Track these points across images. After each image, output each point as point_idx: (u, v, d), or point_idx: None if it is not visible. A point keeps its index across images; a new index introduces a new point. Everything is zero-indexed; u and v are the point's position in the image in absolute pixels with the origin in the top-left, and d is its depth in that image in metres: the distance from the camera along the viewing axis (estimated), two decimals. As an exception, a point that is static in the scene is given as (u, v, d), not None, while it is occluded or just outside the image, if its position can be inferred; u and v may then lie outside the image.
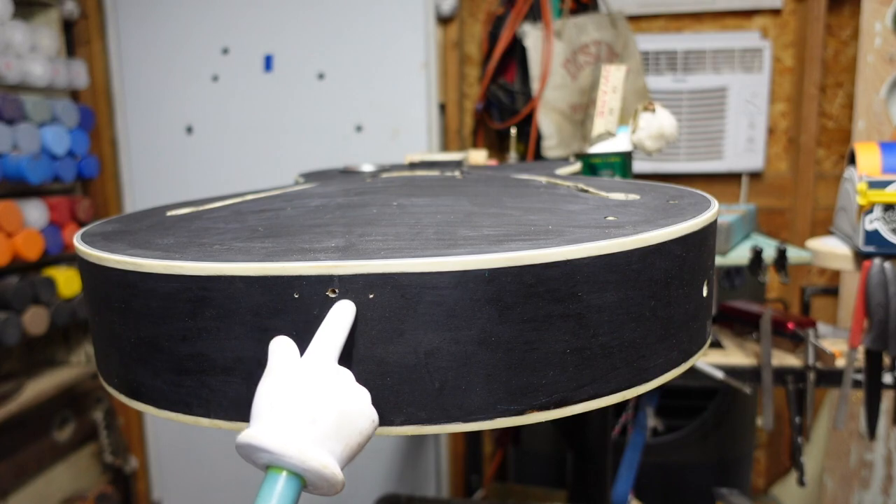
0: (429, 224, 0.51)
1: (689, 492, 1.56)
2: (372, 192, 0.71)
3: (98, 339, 0.53)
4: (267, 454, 0.39)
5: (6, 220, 1.55)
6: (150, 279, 0.45)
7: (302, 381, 0.40)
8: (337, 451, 0.40)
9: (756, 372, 1.12)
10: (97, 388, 1.94)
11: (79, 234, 0.57)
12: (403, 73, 1.87)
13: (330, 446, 0.40)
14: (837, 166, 1.84)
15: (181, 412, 0.47)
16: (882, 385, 1.05)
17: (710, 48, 1.80)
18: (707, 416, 1.54)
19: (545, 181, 0.76)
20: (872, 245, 0.98)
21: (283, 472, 0.39)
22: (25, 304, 1.60)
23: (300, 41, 1.89)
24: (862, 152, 1.05)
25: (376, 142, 1.91)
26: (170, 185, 2.02)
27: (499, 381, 0.43)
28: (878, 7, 1.59)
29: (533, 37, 1.65)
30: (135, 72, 1.98)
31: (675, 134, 1.05)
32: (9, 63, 1.58)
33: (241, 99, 1.94)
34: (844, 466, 1.69)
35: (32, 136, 1.60)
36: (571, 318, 0.43)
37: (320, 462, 0.39)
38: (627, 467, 1.25)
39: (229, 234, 0.53)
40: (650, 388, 0.48)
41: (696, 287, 0.51)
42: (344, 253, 0.44)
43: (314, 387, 0.40)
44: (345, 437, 0.40)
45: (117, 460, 1.97)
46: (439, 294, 0.41)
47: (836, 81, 1.82)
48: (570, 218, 0.51)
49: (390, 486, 2.01)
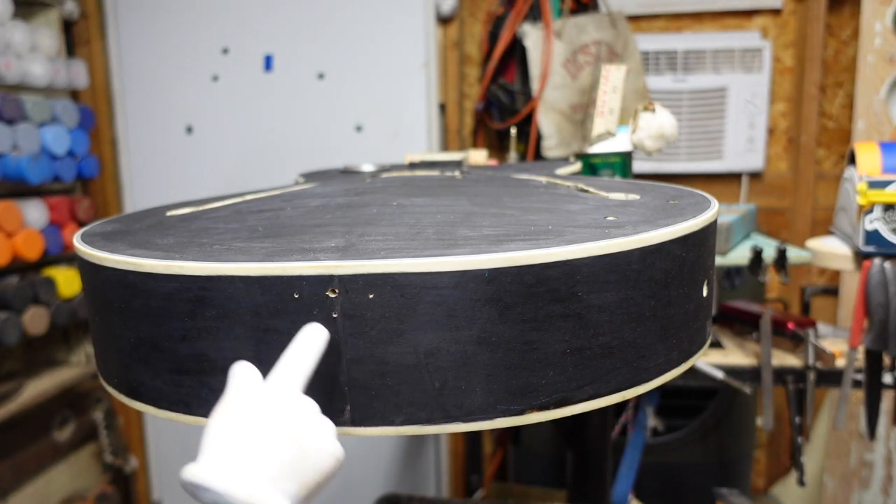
0: (429, 224, 0.51)
1: (689, 492, 1.56)
2: (372, 192, 0.71)
3: (98, 339, 0.53)
4: (211, 493, 0.35)
5: (6, 220, 1.55)
6: (150, 279, 0.45)
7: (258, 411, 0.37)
8: (291, 490, 0.36)
9: (756, 372, 1.12)
10: (97, 388, 1.94)
11: (79, 234, 0.57)
12: (403, 73, 1.87)
13: (284, 486, 0.36)
14: (837, 166, 1.84)
15: (181, 412, 0.47)
16: (882, 385, 1.05)
17: (710, 48, 1.80)
18: (707, 416, 1.54)
19: (545, 181, 0.76)
20: (872, 245, 0.98)
21: None
22: (25, 304, 1.59)
23: (300, 41, 1.89)
24: (862, 152, 1.05)
25: (376, 142, 1.91)
26: (170, 185, 2.02)
27: (499, 381, 0.43)
28: (878, 7, 1.59)
29: (533, 37, 1.65)
30: (135, 72, 1.98)
31: (675, 134, 1.05)
32: (9, 63, 1.58)
33: (241, 99, 1.94)
34: (844, 466, 1.69)
35: (32, 136, 1.60)
36: (571, 318, 0.43)
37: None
38: (627, 467, 1.25)
39: (229, 234, 0.53)
40: (650, 388, 0.48)
41: (696, 287, 0.51)
42: (344, 253, 0.44)
43: (271, 418, 0.37)
44: (301, 475, 0.37)
45: (117, 460, 1.97)
46: (439, 294, 0.41)
47: (836, 81, 1.82)
48: (570, 218, 0.51)
49: (390, 486, 2.01)
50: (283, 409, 0.38)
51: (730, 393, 1.51)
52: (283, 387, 0.39)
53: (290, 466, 0.36)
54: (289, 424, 0.37)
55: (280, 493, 0.36)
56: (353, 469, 2.03)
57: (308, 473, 0.37)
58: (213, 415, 0.38)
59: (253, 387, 0.39)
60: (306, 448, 0.37)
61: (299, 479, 0.37)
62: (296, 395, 0.39)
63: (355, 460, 2.02)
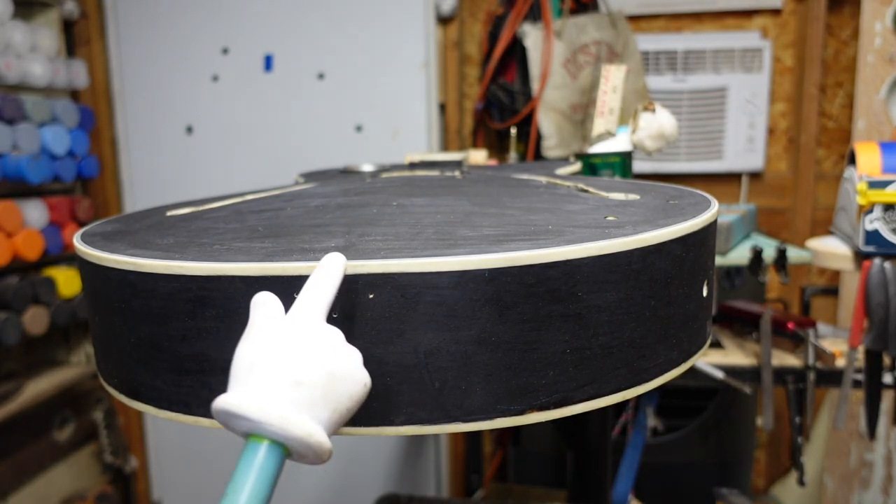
0: (429, 224, 0.51)
1: (689, 492, 1.56)
2: (372, 192, 0.71)
3: (98, 339, 0.53)
4: (246, 422, 0.35)
5: (6, 220, 1.55)
6: (150, 279, 0.45)
7: (286, 340, 0.37)
8: (324, 417, 0.37)
9: (756, 372, 1.12)
10: (97, 388, 1.94)
11: (79, 234, 0.57)
12: (403, 73, 1.87)
13: (316, 413, 0.36)
14: (837, 166, 1.84)
15: (181, 412, 0.47)
16: (882, 385, 1.05)
17: (710, 48, 1.80)
18: (707, 416, 1.54)
19: (545, 181, 0.76)
20: (872, 245, 0.98)
21: (264, 442, 0.36)
22: (25, 304, 1.59)
23: (300, 41, 1.89)
24: (862, 152, 1.05)
25: (376, 142, 1.91)
26: (170, 185, 2.02)
27: (499, 381, 0.43)
28: (878, 7, 1.59)
29: (533, 37, 1.65)
30: (135, 72, 1.98)
31: (675, 134, 1.05)
32: (9, 63, 1.58)
33: (241, 99, 1.94)
34: (844, 466, 1.69)
35: (32, 136, 1.60)
36: (571, 318, 0.43)
37: (305, 430, 0.36)
38: (627, 467, 1.25)
39: (229, 234, 0.53)
40: (650, 388, 0.48)
41: (696, 287, 0.51)
42: (344, 253, 0.44)
43: (299, 346, 0.37)
44: (333, 401, 0.37)
45: (117, 460, 1.97)
46: (439, 294, 0.41)
47: (836, 81, 1.82)
48: (570, 218, 0.51)
49: (390, 486, 2.01)
50: (311, 338, 0.38)
51: (730, 393, 1.51)
52: (308, 315, 0.39)
53: (321, 393, 0.37)
54: (317, 352, 0.37)
55: (313, 419, 0.36)
56: (353, 469, 2.03)
57: (338, 399, 0.37)
58: (240, 345, 0.38)
59: (278, 316, 0.39)
60: (335, 375, 0.37)
61: (330, 406, 0.37)
62: (321, 322, 0.39)
63: (355, 460, 2.02)
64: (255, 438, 0.36)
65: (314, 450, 0.36)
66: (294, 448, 0.36)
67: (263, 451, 0.36)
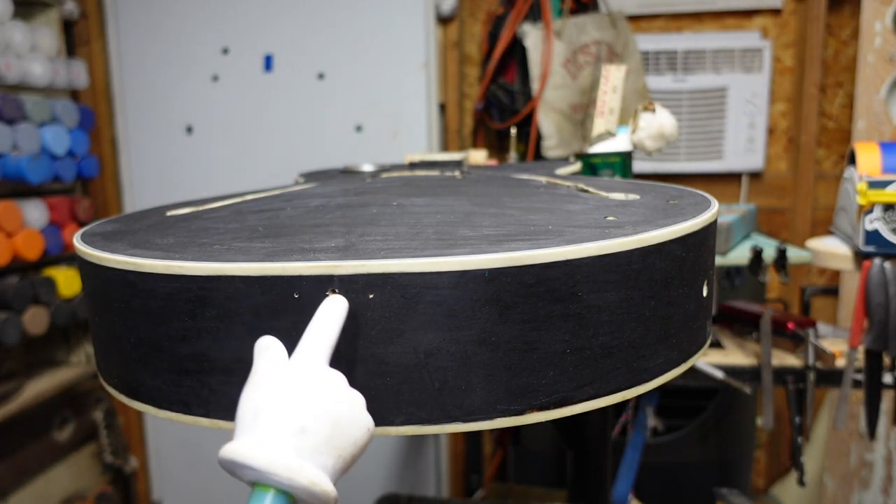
0: (429, 224, 0.51)
1: (689, 492, 1.56)
2: (372, 192, 0.71)
3: (98, 339, 0.53)
4: (252, 471, 0.36)
5: (6, 220, 1.55)
6: (150, 279, 0.45)
7: (290, 387, 0.37)
8: (328, 464, 0.37)
9: (756, 372, 1.12)
10: (97, 388, 1.94)
11: (79, 234, 0.57)
12: (403, 73, 1.87)
13: (321, 460, 0.37)
14: (837, 166, 1.84)
15: (181, 412, 0.47)
16: (882, 385, 1.05)
17: (710, 48, 1.80)
18: (707, 416, 1.54)
19: (545, 181, 0.76)
20: (872, 245, 0.98)
21: (270, 491, 0.36)
22: (25, 304, 1.59)
23: (300, 41, 1.89)
24: (862, 152, 1.05)
25: (376, 142, 1.91)
26: (170, 185, 2.02)
27: (499, 381, 0.43)
28: (878, 7, 1.59)
29: (533, 37, 1.65)
30: (135, 72, 1.98)
31: (675, 134, 1.05)
32: (9, 63, 1.58)
33: (241, 99, 1.94)
34: (844, 466, 1.69)
35: (32, 136, 1.60)
36: (571, 318, 0.43)
37: (310, 479, 0.36)
38: (627, 467, 1.25)
39: (229, 234, 0.53)
40: (650, 388, 0.48)
41: (696, 287, 0.51)
42: (344, 253, 0.44)
43: (303, 392, 0.37)
44: (337, 448, 0.37)
45: (117, 460, 1.97)
46: (439, 294, 0.41)
47: (836, 81, 1.82)
48: (570, 218, 0.51)
49: (390, 486, 2.01)
50: (314, 383, 0.38)
51: (730, 393, 1.51)
52: (310, 361, 0.39)
53: (325, 439, 0.37)
54: (321, 398, 0.37)
55: (317, 467, 0.36)
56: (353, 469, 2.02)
57: (343, 446, 0.38)
58: (245, 391, 0.39)
59: (281, 362, 0.39)
60: (340, 421, 0.38)
61: (335, 452, 0.37)
62: (324, 367, 0.39)
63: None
64: (261, 488, 0.36)
65: (319, 498, 0.36)
66: (299, 496, 0.36)
67: (269, 500, 0.36)
